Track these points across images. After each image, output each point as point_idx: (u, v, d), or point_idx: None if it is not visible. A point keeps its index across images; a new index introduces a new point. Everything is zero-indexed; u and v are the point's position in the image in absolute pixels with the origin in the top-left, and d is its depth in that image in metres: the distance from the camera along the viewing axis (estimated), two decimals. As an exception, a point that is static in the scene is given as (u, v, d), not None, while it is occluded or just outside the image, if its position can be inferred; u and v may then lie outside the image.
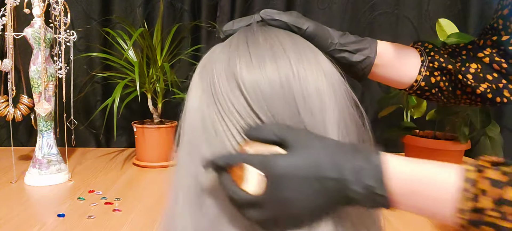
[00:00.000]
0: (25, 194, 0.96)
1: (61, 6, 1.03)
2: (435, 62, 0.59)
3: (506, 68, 0.57)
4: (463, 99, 0.61)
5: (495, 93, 0.58)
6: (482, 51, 0.58)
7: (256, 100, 0.37)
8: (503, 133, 1.32)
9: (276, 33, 0.43)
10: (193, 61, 1.41)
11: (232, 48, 0.41)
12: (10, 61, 1.00)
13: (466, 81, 0.58)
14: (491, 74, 0.58)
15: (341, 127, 0.39)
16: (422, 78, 0.60)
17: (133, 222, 0.80)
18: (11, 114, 1.07)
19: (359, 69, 0.55)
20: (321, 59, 0.41)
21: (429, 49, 0.61)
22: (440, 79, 0.60)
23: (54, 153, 1.05)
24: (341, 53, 0.52)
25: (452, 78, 0.60)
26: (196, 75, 0.42)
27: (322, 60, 0.41)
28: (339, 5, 1.39)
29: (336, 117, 0.39)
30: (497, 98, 0.58)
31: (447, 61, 0.60)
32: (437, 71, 0.60)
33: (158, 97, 1.24)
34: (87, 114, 1.44)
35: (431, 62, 0.60)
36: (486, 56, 0.58)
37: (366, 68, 0.55)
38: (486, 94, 0.58)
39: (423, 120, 1.18)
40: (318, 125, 0.38)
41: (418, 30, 1.40)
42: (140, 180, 1.09)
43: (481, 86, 0.58)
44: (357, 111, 0.42)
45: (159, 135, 1.20)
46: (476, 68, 0.58)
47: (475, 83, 0.58)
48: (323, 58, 0.42)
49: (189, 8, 1.41)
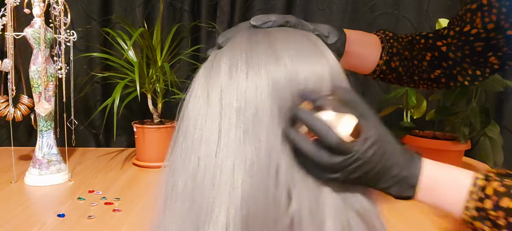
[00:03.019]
0: (25, 194, 0.96)
1: (61, 6, 1.03)
2: (394, 48, 0.66)
3: (460, 57, 0.63)
4: (420, 84, 0.68)
5: (449, 78, 0.65)
6: (441, 40, 0.65)
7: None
8: (503, 133, 1.32)
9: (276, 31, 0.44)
10: (193, 61, 1.41)
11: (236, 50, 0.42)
12: (10, 61, 1.00)
13: (421, 66, 0.65)
14: (446, 62, 0.64)
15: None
16: (383, 63, 0.66)
17: (133, 222, 0.80)
18: (11, 114, 1.07)
19: (334, 49, 0.58)
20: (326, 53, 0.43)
21: (389, 37, 0.67)
22: (399, 64, 0.66)
23: (54, 153, 1.05)
24: (319, 38, 0.55)
25: (409, 64, 0.66)
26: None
27: (327, 54, 0.43)
28: (339, 5, 1.39)
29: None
30: (450, 83, 0.65)
31: (404, 48, 0.66)
32: (396, 57, 0.66)
33: (158, 98, 1.24)
34: (87, 114, 1.44)
35: (391, 48, 0.66)
36: (444, 45, 0.64)
37: (340, 48, 0.59)
38: (440, 79, 0.65)
39: (423, 120, 1.18)
40: None
41: (418, 30, 1.40)
42: (140, 180, 1.09)
43: (435, 72, 0.65)
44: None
45: (159, 135, 1.20)
46: (431, 56, 0.65)
47: (429, 69, 0.65)
48: (328, 51, 0.44)
49: (189, 8, 1.41)
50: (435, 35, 0.66)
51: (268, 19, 0.47)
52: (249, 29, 0.46)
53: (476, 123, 0.96)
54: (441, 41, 0.64)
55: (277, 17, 0.47)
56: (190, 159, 0.39)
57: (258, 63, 0.39)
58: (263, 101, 0.38)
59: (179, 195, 0.40)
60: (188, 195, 0.39)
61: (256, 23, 0.46)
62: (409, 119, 1.18)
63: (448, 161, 0.40)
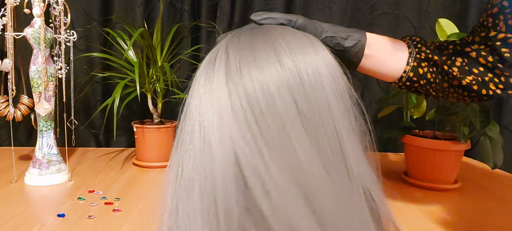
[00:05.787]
0: (25, 194, 0.96)
1: (61, 6, 1.03)
2: (422, 54, 0.62)
3: (491, 62, 0.59)
4: (450, 93, 0.63)
5: (481, 85, 0.60)
6: (469, 46, 0.61)
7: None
8: (503, 133, 1.32)
9: (275, 29, 0.44)
10: (193, 61, 1.41)
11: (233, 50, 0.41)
12: (10, 61, 1.00)
13: (452, 72, 0.60)
14: (477, 68, 0.60)
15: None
16: (410, 69, 0.61)
17: (133, 222, 0.80)
18: (11, 114, 1.07)
19: (352, 54, 0.56)
20: (320, 51, 0.42)
21: (416, 42, 0.63)
22: (427, 70, 0.62)
23: (54, 153, 1.05)
24: (334, 41, 0.54)
25: (438, 70, 0.62)
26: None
27: (322, 53, 0.42)
28: (339, 5, 1.39)
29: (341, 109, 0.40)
30: (483, 90, 0.60)
31: (433, 52, 0.62)
32: (424, 62, 0.62)
33: (158, 97, 1.24)
34: (87, 114, 1.44)
35: (418, 54, 0.62)
36: (473, 51, 0.60)
37: (359, 53, 0.57)
38: (471, 86, 0.60)
39: (423, 120, 1.18)
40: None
41: (418, 30, 1.40)
42: (140, 180, 1.09)
43: (467, 78, 0.60)
44: (357, 108, 0.43)
45: (159, 135, 1.20)
46: (461, 61, 0.61)
47: (461, 75, 0.60)
48: (323, 49, 0.43)
49: (189, 8, 1.41)
50: (462, 42, 0.62)
51: (268, 15, 0.46)
52: (249, 29, 0.45)
53: (476, 123, 0.96)
54: (469, 47, 0.61)
55: (281, 15, 0.47)
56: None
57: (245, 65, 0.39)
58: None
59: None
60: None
61: (255, 18, 0.46)
62: (409, 118, 1.18)
63: (448, 161, 0.38)
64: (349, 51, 0.55)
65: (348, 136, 0.39)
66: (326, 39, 0.52)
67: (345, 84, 0.42)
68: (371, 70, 0.60)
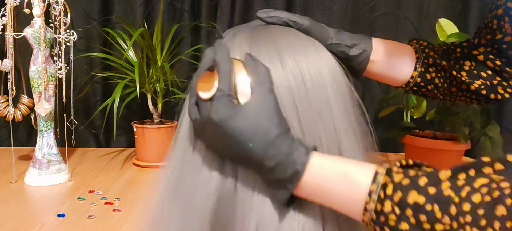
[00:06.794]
0: (25, 194, 0.96)
1: (61, 6, 1.03)
2: (429, 59, 0.60)
3: (499, 65, 0.58)
4: (458, 97, 0.62)
5: (490, 89, 0.59)
6: (476, 49, 0.60)
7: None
8: (503, 133, 1.32)
9: (277, 30, 0.44)
10: (193, 61, 1.41)
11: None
12: (10, 61, 1.00)
13: (460, 77, 0.59)
14: (485, 72, 0.59)
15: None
16: (417, 74, 0.60)
17: (133, 222, 0.80)
18: (11, 114, 1.07)
19: (356, 63, 0.55)
20: (322, 53, 0.42)
21: (423, 46, 0.62)
22: (435, 75, 0.61)
23: (54, 153, 1.05)
24: (338, 48, 0.53)
25: (447, 75, 0.61)
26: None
27: (324, 54, 0.42)
28: (339, 6, 1.39)
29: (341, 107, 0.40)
30: (491, 95, 0.59)
31: (441, 57, 0.61)
32: (432, 68, 0.61)
33: (158, 98, 1.24)
34: (87, 115, 1.44)
35: (426, 59, 0.60)
36: (481, 54, 0.59)
37: (363, 62, 0.56)
38: (480, 90, 0.59)
39: (423, 120, 1.18)
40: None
41: (418, 30, 1.40)
42: (140, 180, 1.09)
43: (475, 83, 0.59)
44: (358, 109, 0.42)
45: (159, 135, 1.20)
46: (470, 65, 0.59)
47: (469, 79, 0.59)
48: (325, 51, 0.43)
49: (189, 8, 1.41)
50: (469, 44, 0.61)
51: (275, 14, 0.46)
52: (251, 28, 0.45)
53: (476, 123, 0.96)
54: (476, 50, 0.60)
55: (287, 15, 0.46)
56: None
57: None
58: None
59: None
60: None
61: (261, 15, 0.46)
62: (409, 118, 1.18)
63: (448, 161, 0.38)
64: (353, 60, 0.54)
65: (347, 135, 0.39)
66: (331, 46, 0.52)
67: (346, 85, 0.42)
68: (378, 75, 0.59)
